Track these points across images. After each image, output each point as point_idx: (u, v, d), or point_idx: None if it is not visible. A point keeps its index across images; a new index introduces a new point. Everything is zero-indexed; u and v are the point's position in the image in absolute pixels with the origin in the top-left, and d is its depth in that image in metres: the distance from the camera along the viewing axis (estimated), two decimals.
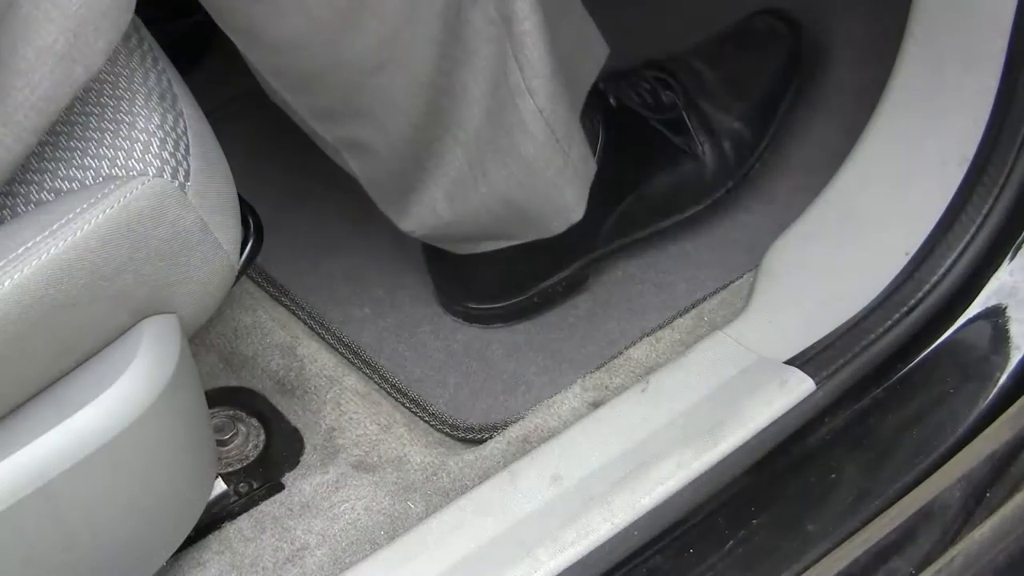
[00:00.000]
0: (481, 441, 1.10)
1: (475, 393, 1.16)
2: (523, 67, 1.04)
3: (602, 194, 1.17)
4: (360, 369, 1.18)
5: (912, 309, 1.03)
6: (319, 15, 0.95)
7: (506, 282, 1.20)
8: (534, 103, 1.06)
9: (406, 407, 1.15)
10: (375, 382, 1.17)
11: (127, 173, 0.82)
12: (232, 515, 1.06)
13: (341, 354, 1.19)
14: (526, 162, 1.09)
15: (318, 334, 1.21)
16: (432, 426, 1.13)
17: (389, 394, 1.16)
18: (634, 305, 1.21)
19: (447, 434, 1.13)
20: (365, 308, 1.25)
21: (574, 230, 1.17)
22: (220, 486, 1.07)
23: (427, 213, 1.13)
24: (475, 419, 1.14)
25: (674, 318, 1.17)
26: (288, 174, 1.37)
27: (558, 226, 1.16)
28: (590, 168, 1.15)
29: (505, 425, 1.10)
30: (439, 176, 1.10)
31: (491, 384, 1.17)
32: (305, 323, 1.22)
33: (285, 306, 1.23)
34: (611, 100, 1.20)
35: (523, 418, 1.09)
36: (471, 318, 1.22)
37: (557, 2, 1.07)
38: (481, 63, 1.03)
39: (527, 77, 1.04)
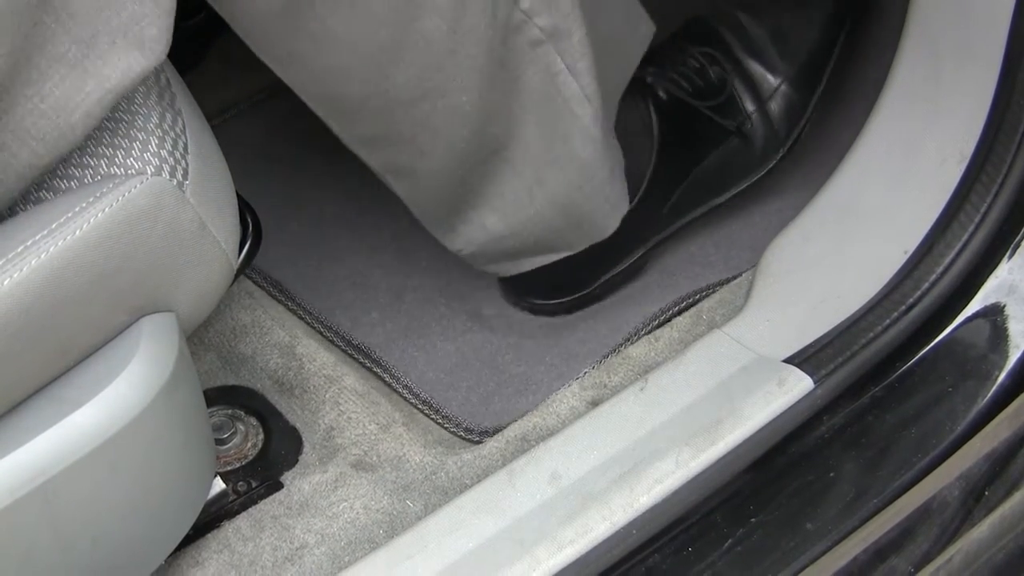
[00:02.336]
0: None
1: (487, 396, 1.16)
2: (578, 76, 1.05)
3: (658, 183, 1.19)
4: (370, 369, 1.18)
5: (911, 307, 1.03)
6: (363, 50, 0.96)
7: (571, 277, 1.21)
8: (591, 108, 1.07)
9: (419, 409, 1.15)
10: (385, 382, 1.17)
11: (126, 172, 0.82)
12: (231, 514, 1.06)
13: (351, 356, 1.19)
14: (585, 164, 1.10)
15: (327, 338, 1.20)
16: (446, 429, 1.13)
17: (401, 396, 1.16)
18: (640, 303, 1.21)
19: (460, 437, 1.13)
20: (372, 313, 1.24)
21: (633, 221, 1.18)
22: (219, 485, 1.07)
23: (476, 231, 1.13)
24: (488, 422, 1.14)
25: (672, 317, 1.17)
26: (289, 180, 1.36)
27: (612, 223, 1.17)
28: (620, 154, 1.16)
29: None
30: (489, 195, 1.11)
31: (503, 387, 1.17)
32: (312, 327, 1.21)
33: (291, 310, 1.23)
34: (661, 93, 1.20)
35: (522, 417, 1.09)
36: (536, 311, 1.23)
37: None
38: (528, 85, 1.04)
39: (583, 85, 1.05)
